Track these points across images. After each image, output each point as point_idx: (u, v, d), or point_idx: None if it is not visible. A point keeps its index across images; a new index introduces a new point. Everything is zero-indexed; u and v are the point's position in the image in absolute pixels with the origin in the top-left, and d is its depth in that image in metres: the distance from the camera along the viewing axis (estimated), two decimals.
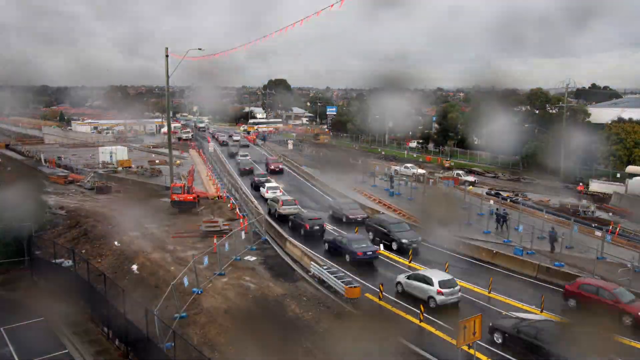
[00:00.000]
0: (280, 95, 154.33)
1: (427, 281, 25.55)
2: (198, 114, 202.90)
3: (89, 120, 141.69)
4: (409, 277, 26.86)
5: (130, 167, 67.44)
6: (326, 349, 21.23)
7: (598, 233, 35.75)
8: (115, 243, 34.80)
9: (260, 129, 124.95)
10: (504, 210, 40.63)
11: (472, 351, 18.93)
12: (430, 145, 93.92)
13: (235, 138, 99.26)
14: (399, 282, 27.13)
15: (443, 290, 24.87)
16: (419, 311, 24.04)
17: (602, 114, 76.29)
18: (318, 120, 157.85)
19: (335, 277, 27.48)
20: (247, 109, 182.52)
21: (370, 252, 30.97)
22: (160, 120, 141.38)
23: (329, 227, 38.99)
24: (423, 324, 23.50)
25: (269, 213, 42.03)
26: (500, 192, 54.04)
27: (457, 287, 25.55)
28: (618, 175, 61.36)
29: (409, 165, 67.24)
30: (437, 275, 25.97)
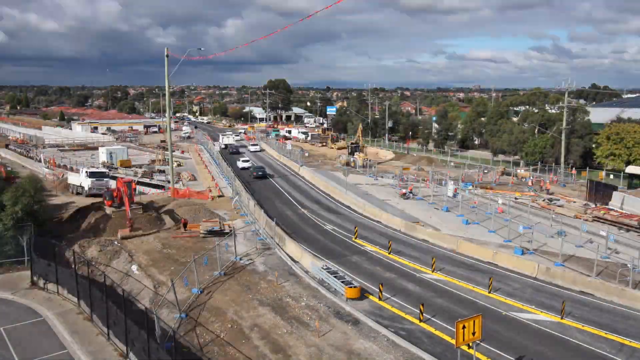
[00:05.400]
0: (280, 95, 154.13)
1: None
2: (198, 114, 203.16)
3: (89, 120, 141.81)
4: None
5: (129, 167, 67.45)
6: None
7: (603, 233, 35.44)
8: (115, 242, 34.85)
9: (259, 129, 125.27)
10: None
11: (471, 351, 18.94)
12: (430, 145, 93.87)
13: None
14: None
15: None
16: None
17: (601, 113, 76.31)
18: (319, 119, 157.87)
19: (334, 277, 27.50)
20: (246, 109, 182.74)
21: None
22: (161, 120, 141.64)
23: None
24: (422, 324, 23.54)
25: None
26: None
27: None
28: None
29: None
30: None
